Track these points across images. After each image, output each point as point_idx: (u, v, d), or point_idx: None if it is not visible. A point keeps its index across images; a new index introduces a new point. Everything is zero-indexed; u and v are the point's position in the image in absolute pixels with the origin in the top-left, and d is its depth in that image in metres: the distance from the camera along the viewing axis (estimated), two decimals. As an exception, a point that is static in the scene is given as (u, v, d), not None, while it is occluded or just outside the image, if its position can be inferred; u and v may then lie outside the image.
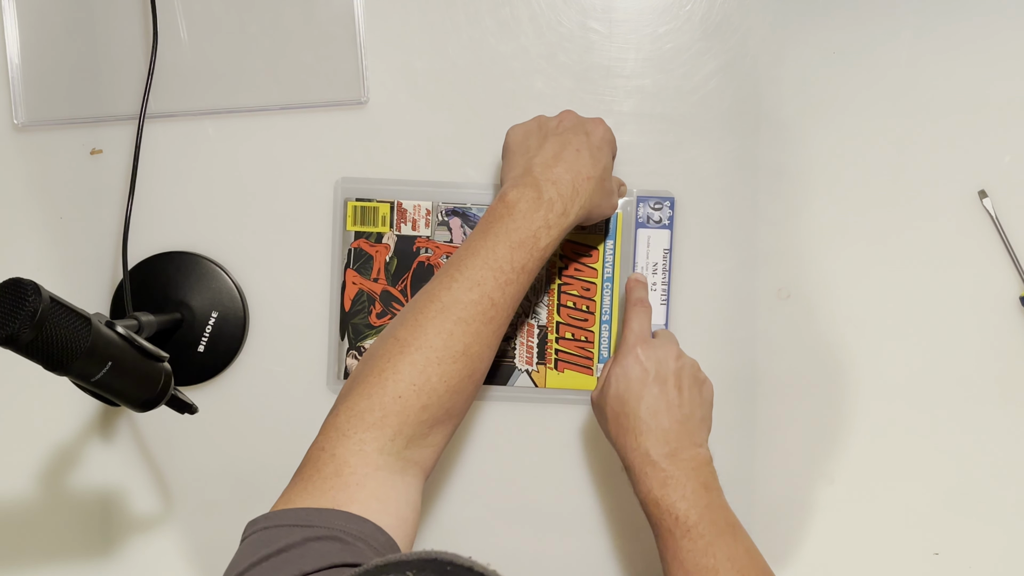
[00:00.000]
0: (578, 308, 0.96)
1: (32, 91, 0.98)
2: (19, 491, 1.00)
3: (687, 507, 0.82)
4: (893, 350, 0.98)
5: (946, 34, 0.97)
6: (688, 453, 0.84)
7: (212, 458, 1.00)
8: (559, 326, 0.96)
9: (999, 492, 0.98)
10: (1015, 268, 0.97)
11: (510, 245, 0.80)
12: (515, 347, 0.96)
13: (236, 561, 0.68)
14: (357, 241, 0.97)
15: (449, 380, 0.78)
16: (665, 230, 0.96)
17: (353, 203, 0.97)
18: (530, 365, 0.96)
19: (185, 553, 1.00)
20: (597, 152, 0.86)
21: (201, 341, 0.97)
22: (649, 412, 0.85)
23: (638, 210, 0.96)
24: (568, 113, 0.89)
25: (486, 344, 0.80)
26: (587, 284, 0.96)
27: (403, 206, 0.97)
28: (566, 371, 0.96)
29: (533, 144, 0.86)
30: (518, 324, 0.95)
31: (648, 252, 0.96)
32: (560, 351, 0.96)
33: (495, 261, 0.80)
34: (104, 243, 0.99)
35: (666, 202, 0.96)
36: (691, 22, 0.98)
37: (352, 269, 0.97)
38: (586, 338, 0.96)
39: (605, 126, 0.88)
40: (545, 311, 0.95)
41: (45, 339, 0.67)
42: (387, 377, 0.77)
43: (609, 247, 0.95)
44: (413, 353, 0.77)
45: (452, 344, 0.78)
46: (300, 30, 0.97)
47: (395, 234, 0.97)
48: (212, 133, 0.98)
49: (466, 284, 0.79)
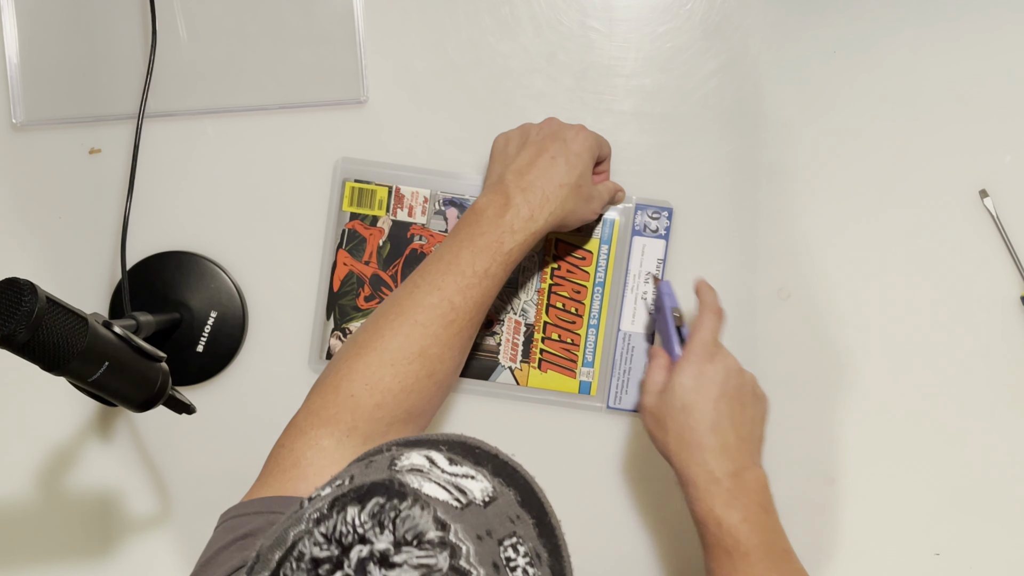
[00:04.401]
0: (567, 310, 0.96)
1: (31, 90, 0.98)
2: (17, 491, 1.00)
3: (749, 530, 0.80)
4: (893, 350, 0.98)
5: (947, 34, 0.96)
6: (751, 473, 0.83)
7: (211, 458, 1.00)
8: (546, 326, 0.96)
9: (1000, 492, 0.98)
10: (1015, 268, 0.96)
11: (473, 250, 0.82)
12: (500, 343, 0.95)
13: (208, 547, 0.73)
14: (352, 222, 0.97)
15: (405, 380, 0.80)
16: (661, 240, 0.96)
17: (351, 184, 0.97)
18: (513, 362, 0.96)
19: (184, 553, 1.00)
20: (574, 159, 0.86)
21: (200, 341, 0.97)
22: (716, 427, 0.82)
23: (636, 217, 0.96)
24: (551, 120, 0.89)
25: (446, 346, 0.82)
26: (578, 287, 0.96)
27: (401, 191, 0.96)
28: (549, 371, 0.96)
29: (512, 151, 0.88)
30: (505, 320, 0.95)
31: (642, 260, 0.96)
32: (545, 351, 0.96)
33: (457, 266, 0.82)
34: (103, 242, 0.99)
35: (664, 212, 0.96)
36: (691, 21, 0.97)
37: (344, 250, 0.97)
38: (572, 340, 0.96)
39: (586, 133, 0.88)
40: (534, 309, 0.95)
41: (41, 339, 0.67)
42: (342, 377, 0.81)
43: (603, 251, 0.95)
44: (368, 355, 0.81)
45: (408, 345, 0.80)
46: (300, 29, 0.97)
47: (391, 219, 0.97)
48: (211, 132, 0.98)
49: (426, 288, 0.82)
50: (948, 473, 0.98)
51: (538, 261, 0.95)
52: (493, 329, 0.95)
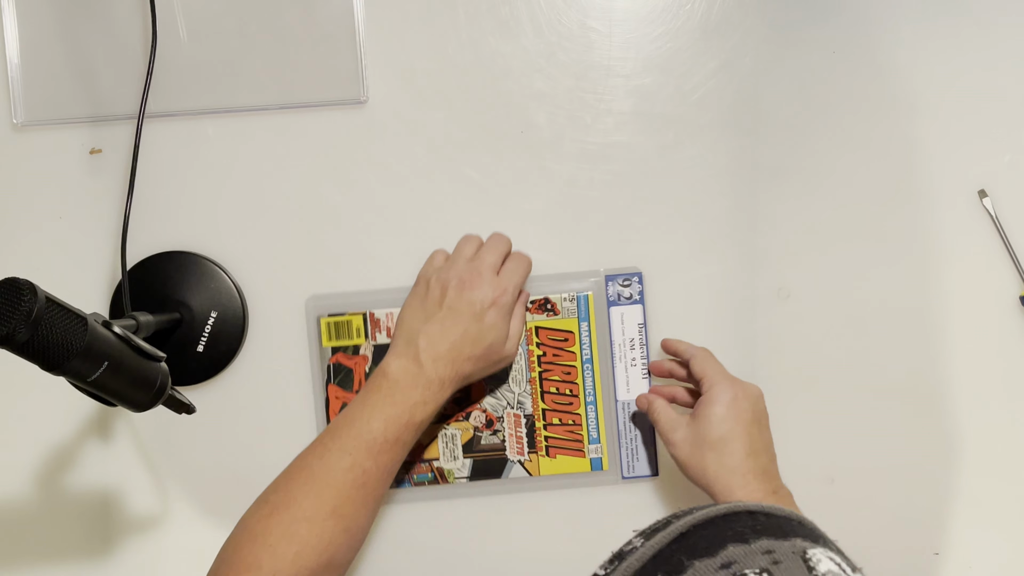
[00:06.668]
0: (562, 393, 0.96)
1: (31, 91, 0.98)
2: (17, 491, 1.00)
3: None
4: (893, 350, 0.98)
5: (946, 34, 0.97)
6: (783, 489, 0.86)
7: (211, 458, 1.00)
8: (545, 413, 0.95)
9: (1000, 492, 0.98)
10: (1015, 268, 0.96)
11: (385, 418, 0.85)
12: (504, 439, 0.95)
13: None
14: (335, 356, 0.97)
15: (321, 535, 0.82)
16: (637, 305, 0.96)
17: (326, 319, 0.97)
18: (522, 455, 0.96)
19: (184, 553, 1.00)
20: (487, 331, 0.88)
21: (200, 341, 0.97)
22: (753, 451, 0.85)
23: (608, 289, 0.96)
24: (473, 269, 0.89)
25: (360, 504, 0.84)
26: (567, 368, 0.95)
27: (375, 315, 0.97)
28: (558, 456, 0.96)
29: (429, 308, 0.90)
30: (504, 416, 0.95)
31: (623, 329, 0.96)
32: (550, 437, 0.96)
33: (368, 433, 0.85)
34: (103, 243, 0.99)
35: (634, 277, 0.96)
36: (691, 22, 0.97)
37: (334, 384, 0.97)
38: (573, 421, 0.96)
39: (497, 308, 0.88)
40: (529, 400, 0.95)
41: (41, 339, 0.67)
42: (257, 533, 0.82)
43: (584, 329, 0.95)
44: (281, 513, 0.82)
45: (320, 505, 0.83)
46: (300, 29, 0.97)
47: (371, 344, 0.97)
48: (211, 132, 0.98)
49: (337, 453, 0.84)
50: (948, 472, 0.98)
51: (524, 353, 0.95)
52: (495, 428, 0.95)
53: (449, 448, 0.95)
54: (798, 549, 0.52)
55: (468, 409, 0.95)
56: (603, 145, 0.98)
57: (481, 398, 0.95)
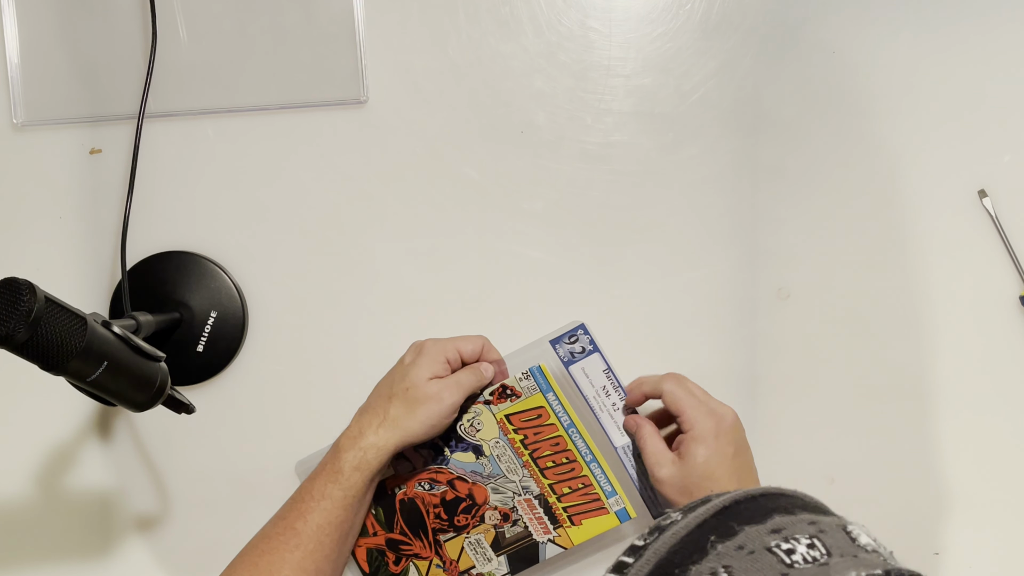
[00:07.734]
0: (560, 463, 0.93)
1: (31, 90, 0.98)
2: (17, 491, 1.00)
3: None
4: (892, 350, 0.98)
5: (946, 34, 0.97)
6: None
7: (211, 458, 1.00)
8: (553, 487, 0.94)
9: (999, 492, 0.98)
10: (1015, 268, 0.96)
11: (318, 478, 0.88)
12: (526, 525, 0.94)
13: None
14: None
15: None
16: (594, 354, 0.94)
17: None
18: (549, 534, 0.94)
19: (184, 553, 1.00)
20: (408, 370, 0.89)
21: (200, 341, 0.97)
22: (740, 479, 0.85)
23: (557, 352, 0.94)
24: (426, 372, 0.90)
25: (297, 567, 0.86)
26: (554, 440, 0.93)
27: None
28: (584, 522, 0.94)
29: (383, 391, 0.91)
30: (517, 506, 0.94)
31: (591, 382, 0.94)
32: (568, 507, 0.94)
33: (299, 494, 0.88)
34: (103, 243, 0.99)
35: (578, 331, 0.94)
36: (691, 22, 0.97)
37: None
38: (583, 484, 0.93)
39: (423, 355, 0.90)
40: (532, 481, 0.93)
41: (40, 339, 0.67)
42: None
43: (552, 399, 0.93)
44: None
45: (256, 574, 0.86)
46: (300, 29, 0.97)
47: None
48: (211, 132, 0.98)
49: (272, 520, 0.88)
50: (947, 472, 0.98)
51: (505, 444, 0.93)
52: (512, 519, 0.94)
53: (479, 553, 0.94)
54: (840, 523, 0.54)
55: (479, 513, 0.95)
56: (603, 145, 0.98)
57: (484, 498, 0.94)
